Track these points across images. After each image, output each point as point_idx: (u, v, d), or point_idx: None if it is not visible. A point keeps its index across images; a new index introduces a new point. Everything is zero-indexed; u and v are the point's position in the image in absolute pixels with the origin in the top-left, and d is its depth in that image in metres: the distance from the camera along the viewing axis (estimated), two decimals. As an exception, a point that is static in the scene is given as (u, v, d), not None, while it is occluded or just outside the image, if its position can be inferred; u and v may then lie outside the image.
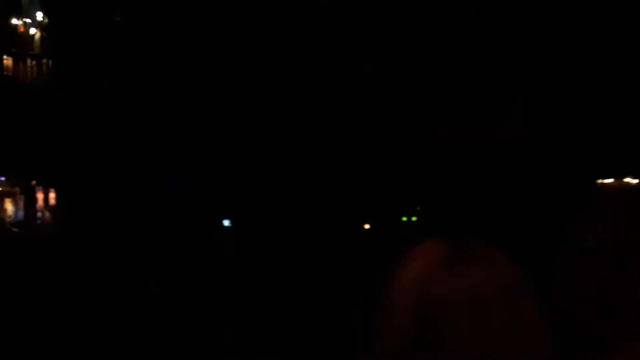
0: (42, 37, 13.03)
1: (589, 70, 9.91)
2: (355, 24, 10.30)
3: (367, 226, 10.03)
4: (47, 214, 12.49)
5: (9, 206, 12.33)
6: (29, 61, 12.84)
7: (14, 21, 13.06)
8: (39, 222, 12.49)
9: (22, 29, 13.09)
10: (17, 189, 12.44)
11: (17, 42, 12.86)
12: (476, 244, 0.90)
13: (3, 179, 12.32)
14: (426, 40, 10.11)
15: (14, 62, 12.70)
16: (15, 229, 11.99)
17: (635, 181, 9.28)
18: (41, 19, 13.11)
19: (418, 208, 10.23)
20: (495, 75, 10.42)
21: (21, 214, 12.37)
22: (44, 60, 12.84)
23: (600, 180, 9.48)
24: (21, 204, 12.42)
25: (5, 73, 12.58)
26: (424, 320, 0.83)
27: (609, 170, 9.41)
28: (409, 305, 0.87)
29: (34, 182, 12.41)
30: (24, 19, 13.10)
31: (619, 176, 9.31)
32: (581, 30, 9.79)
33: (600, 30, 9.66)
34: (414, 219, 10.15)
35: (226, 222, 10.73)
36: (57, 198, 12.40)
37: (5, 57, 12.56)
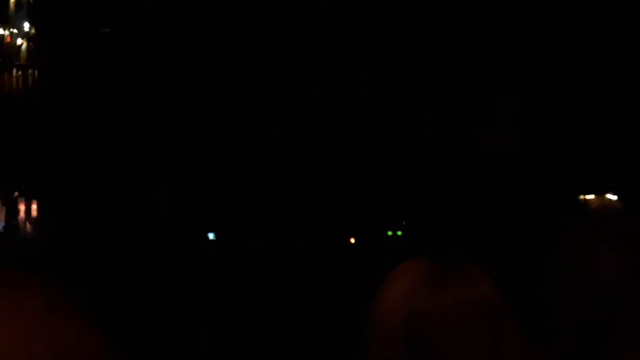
0: (28, 47, 12.98)
1: (573, 88, 10.07)
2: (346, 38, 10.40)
3: (352, 240, 10.06)
4: (28, 225, 12.35)
5: (-10, 217, 12.19)
6: (14, 71, 12.76)
7: (0, 31, 13.00)
8: (20, 233, 12.34)
9: (8, 39, 13.02)
10: (-2, 200, 12.32)
11: (3, 52, 12.80)
12: (460, 262, 0.92)
13: (-15, 189, 12.18)
14: (416, 60, 10.23)
15: (0, 72, 12.62)
16: (-4, 241, 11.83)
17: (615, 197, 9.42)
18: (28, 30, 13.06)
19: (403, 222, 10.28)
20: (480, 91, 10.54)
21: (2, 225, 12.22)
22: (30, 71, 12.77)
23: (582, 196, 9.61)
24: (2, 215, 12.28)
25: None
26: (410, 337, 0.85)
27: (590, 187, 9.54)
28: (396, 321, 0.89)
29: (16, 194, 12.28)
30: (11, 30, 13.05)
31: (600, 192, 9.45)
32: (568, 50, 9.96)
33: (588, 50, 9.84)
34: (399, 233, 10.20)
35: (211, 236, 10.70)
36: (40, 210, 12.28)
37: (-10, 67, 12.48)
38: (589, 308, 0.95)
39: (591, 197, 9.57)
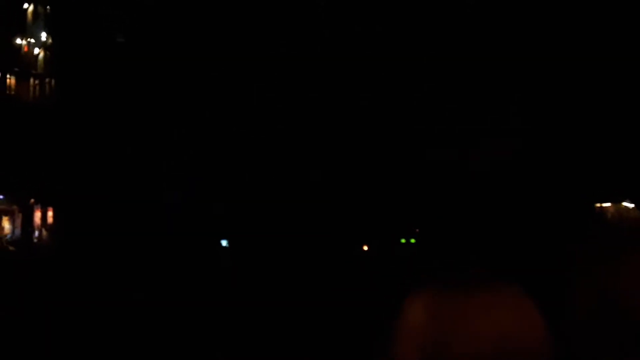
0: (45, 56, 13.16)
1: (588, 95, 9.99)
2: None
3: (365, 247, 10.00)
4: (44, 232, 12.44)
5: (6, 224, 12.30)
6: (31, 80, 12.93)
7: (18, 41, 13.20)
8: (36, 240, 12.43)
9: (26, 49, 13.22)
10: (15, 207, 12.43)
11: (21, 62, 12.98)
12: (486, 277, 0.89)
13: (1, 197, 12.31)
14: (423, 67, 10.22)
15: (17, 81, 12.79)
16: (11, 248, 11.92)
17: (632, 205, 9.29)
18: (45, 39, 13.25)
19: (417, 230, 10.21)
20: (492, 97, 10.49)
21: (18, 232, 12.32)
22: (47, 80, 12.93)
23: (598, 204, 9.49)
24: (19, 222, 12.38)
25: (8, 92, 12.66)
26: (435, 353, 0.83)
27: (606, 195, 9.42)
28: (421, 337, 0.86)
29: (32, 201, 12.39)
30: (28, 39, 13.25)
31: (616, 200, 9.33)
32: (579, 54, 9.89)
33: (599, 54, 9.77)
34: (412, 241, 10.13)
35: (224, 242, 10.71)
36: (55, 217, 12.37)
37: (8, 76, 12.65)
38: (609, 318, 0.92)
39: (607, 205, 9.44)
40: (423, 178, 10.05)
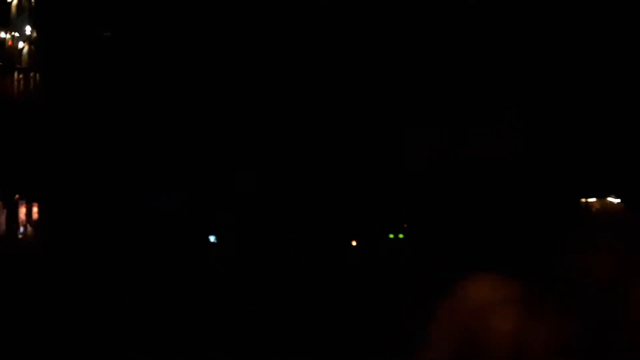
0: (30, 50, 13.00)
1: (573, 90, 10.12)
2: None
3: (353, 243, 10.06)
4: (29, 228, 12.33)
5: (-10, 220, 12.16)
6: (16, 74, 12.79)
7: (2, 35, 13.02)
8: (21, 236, 12.32)
9: (10, 43, 13.05)
10: (-1, 203, 12.30)
11: (5, 56, 12.82)
12: (520, 285, 0.93)
13: (-15, 192, 12.16)
14: (419, 66, 10.28)
15: (1, 75, 12.64)
16: (-4, 244, 11.80)
17: (617, 201, 9.45)
18: (29, 33, 13.09)
19: (405, 225, 10.29)
20: (479, 96, 10.58)
21: (3, 228, 12.20)
22: (32, 74, 12.79)
23: (584, 200, 9.64)
24: (3, 218, 12.26)
25: (-9, 86, 12.50)
26: (471, 354, 0.85)
27: (591, 190, 9.57)
28: (454, 342, 0.89)
29: (17, 196, 12.27)
30: (12, 33, 13.07)
31: (601, 195, 9.48)
32: (568, 53, 10.02)
33: (588, 53, 9.90)
34: (401, 236, 10.21)
35: (212, 238, 10.70)
36: (40, 212, 12.27)
37: (-8, 70, 12.50)
38: (593, 310, 0.97)
39: (593, 200, 9.59)
40: (411, 173, 10.12)
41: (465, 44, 10.18)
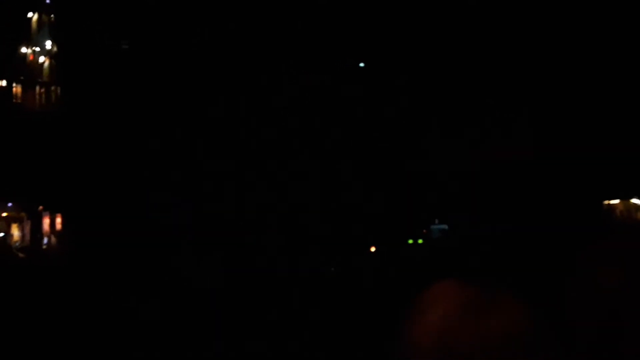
0: (50, 65, 13.22)
1: (594, 92, 9.94)
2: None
3: (372, 249, 9.99)
4: (53, 239, 12.51)
5: (15, 231, 12.37)
6: (37, 88, 13.00)
7: (24, 50, 13.27)
8: (45, 247, 12.50)
9: (31, 57, 13.29)
10: (23, 215, 12.50)
11: (26, 70, 13.05)
12: (494, 287, 0.90)
13: (10, 204, 12.38)
14: (443, 71, 10.20)
15: (23, 89, 12.86)
16: (21, 254, 11.99)
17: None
18: (50, 47, 13.32)
19: (424, 231, 10.20)
20: (497, 96, 10.46)
21: (27, 239, 12.38)
22: (53, 88, 13.00)
23: (607, 201, 9.44)
24: (27, 229, 12.45)
25: (14, 100, 12.73)
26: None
27: (615, 192, 9.36)
28: (432, 345, 0.86)
29: (40, 208, 12.46)
30: (33, 48, 13.32)
31: (624, 197, 9.26)
32: (595, 57, 9.84)
33: (614, 58, 9.71)
34: (420, 241, 10.11)
35: (231, 245, 10.72)
36: (64, 224, 12.43)
37: (14, 84, 12.73)
38: (613, 316, 0.92)
39: (616, 202, 9.38)
40: (430, 179, 10.03)
41: (486, 48, 10.08)
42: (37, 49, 13.20)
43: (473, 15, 10.10)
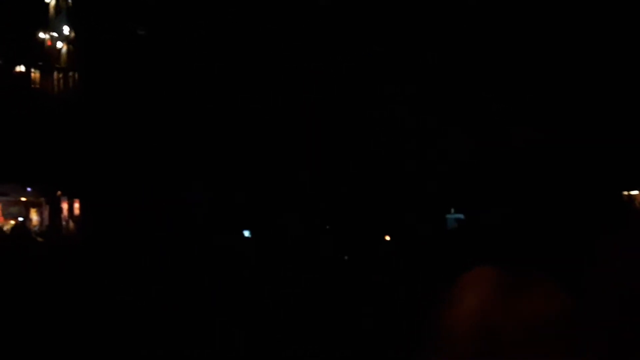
0: (68, 50, 13.27)
1: (611, 80, 9.76)
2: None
3: (387, 238, 9.96)
4: (71, 223, 12.65)
5: (34, 216, 12.54)
6: (55, 74, 13.07)
7: (41, 35, 13.33)
8: (63, 231, 12.65)
9: (49, 43, 13.35)
10: (42, 200, 12.65)
11: (44, 56, 13.12)
12: (530, 271, 0.89)
13: (29, 189, 12.53)
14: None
15: (41, 75, 12.94)
16: (40, 239, 12.17)
17: (662, 193, 9.07)
18: (68, 33, 13.35)
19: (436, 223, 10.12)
20: (513, 83, 10.32)
21: (46, 223, 12.55)
22: (71, 74, 13.06)
23: (626, 192, 9.30)
24: (46, 214, 12.61)
25: (32, 86, 12.82)
26: (482, 346, 0.82)
27: (635, 182, 9.21)
28: (468, 330, 0.85)
29: (59, 193, 12.59)
30: (51, 33, 13.37)
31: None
32: (605, 42, 9.66)
33: (626, 48, 9.52)
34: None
35: (246, 233, 10.77)
36: (82, 208, 12.56)
37: (32, 70, 12.81)
38: (634, 303, 0.90)
39: (636, 192, 9.24)
40: (449, 166, 9.95)
41: (498, 44, 9.93)
42: (55, 34, 13.24)
43: (479, 12, 9.95)
